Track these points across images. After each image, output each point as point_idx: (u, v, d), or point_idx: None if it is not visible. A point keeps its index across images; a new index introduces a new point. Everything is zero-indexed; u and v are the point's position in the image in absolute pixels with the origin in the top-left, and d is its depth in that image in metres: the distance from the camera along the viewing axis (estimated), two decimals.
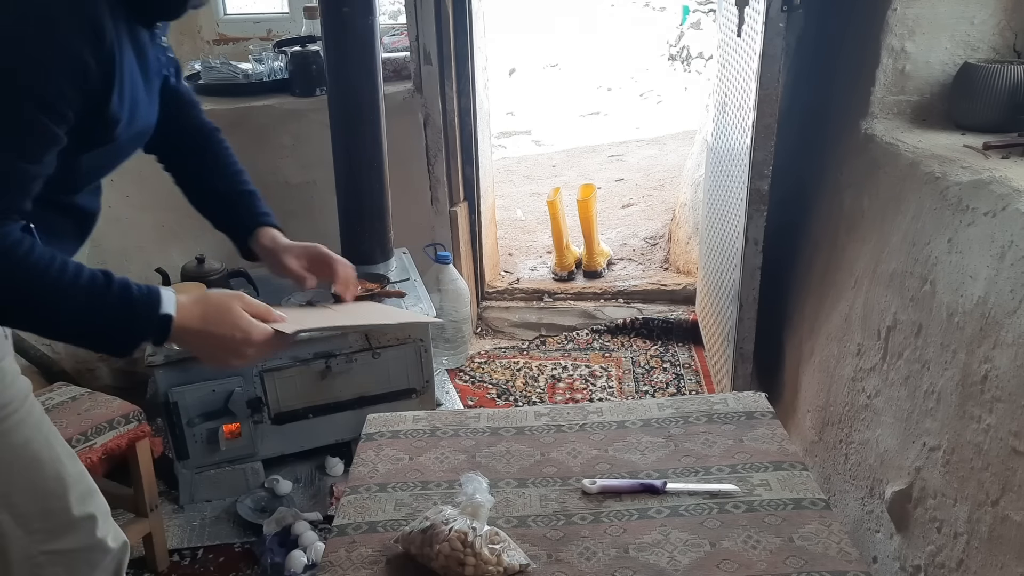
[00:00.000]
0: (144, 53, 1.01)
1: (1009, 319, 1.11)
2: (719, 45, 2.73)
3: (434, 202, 2.85)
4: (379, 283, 2.20)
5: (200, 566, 1.93)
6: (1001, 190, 1.20)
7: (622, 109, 7.61)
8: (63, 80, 0.87)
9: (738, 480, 1.19)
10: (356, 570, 1.05)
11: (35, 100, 0.86)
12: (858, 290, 1.72)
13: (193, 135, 1.31)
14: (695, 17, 8.50)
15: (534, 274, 3.75)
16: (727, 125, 2.46)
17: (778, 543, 1.05)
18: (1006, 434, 1.10)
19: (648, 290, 3.39)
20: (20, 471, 1.10)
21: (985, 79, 1.57)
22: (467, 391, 2.73)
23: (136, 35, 0.99)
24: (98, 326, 0.94)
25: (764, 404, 1.41)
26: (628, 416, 1.39)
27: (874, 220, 1.66)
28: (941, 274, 1.33)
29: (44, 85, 0.86)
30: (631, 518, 1.12)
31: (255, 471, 2.15)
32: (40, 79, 0.86)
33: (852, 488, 1.68)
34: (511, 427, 1.39)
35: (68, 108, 0.89)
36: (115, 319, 0.94)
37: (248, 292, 2.20)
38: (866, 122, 1.75)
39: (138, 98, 1.00)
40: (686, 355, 2.95)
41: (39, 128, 0.88)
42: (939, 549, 1.28)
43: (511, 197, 5.10)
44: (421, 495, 1.20)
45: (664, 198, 4.82)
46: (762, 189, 2.01)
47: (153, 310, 0.95)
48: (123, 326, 0.94)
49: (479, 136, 3.05)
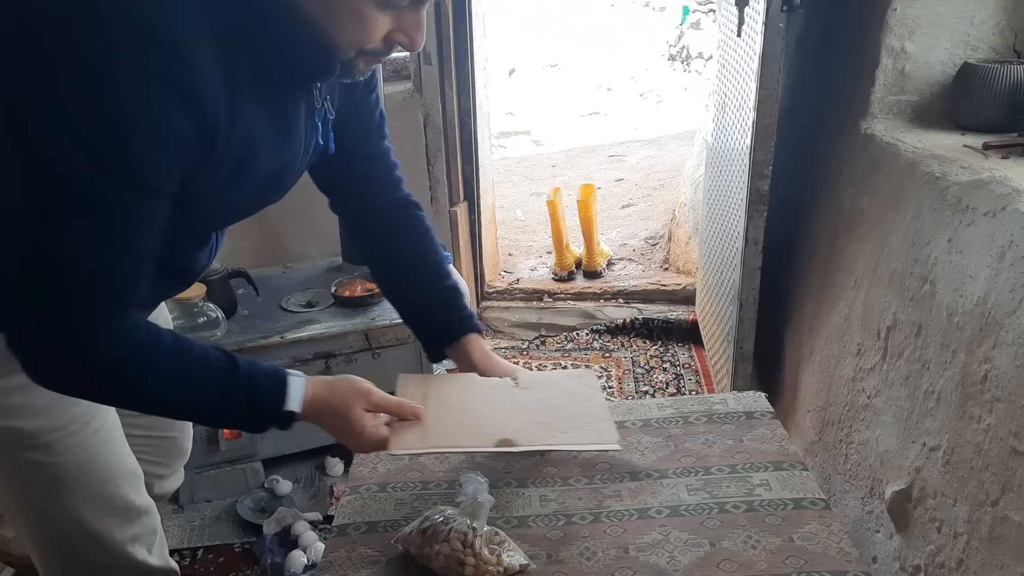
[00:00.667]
0: (288, 122, 0.94)
1: (1009, 319, 1.11)
2: (719, 45, 2.73)
3: (434, 202, 2.85)
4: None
5: (200, 566, 1.93)
6: (1001, 190, 1.20)
7: (622, 109, 7.61)
8: (161, 155, 0.79)
9: (738, 480, 1.19)
10: (356, 570, 1.05)
11: (130, 182, 0.79)
12: (858, 290, 1.71)
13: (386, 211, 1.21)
14: (695, 17, 8.51)
15: (534, 274, 3.75)
16: (727, 125, 2.46)
17: (778, 543, 1.05)
18: (1006, 434, 1.10)
19: (648, 290, 3.39)
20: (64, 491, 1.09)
21: (985, 79, 1.57)
22: None
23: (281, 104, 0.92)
24: (224, 417, 1.01)
25: (764, 404, 1.41)
26: (628, 416, 1.39)
27: (874, 220, 1.66)
28: (941, 274, 1.33)
29: (142, 165, 0.78)
30: (631, 518, 1.12)
31: (255, 471, 2.15)
32: (137, 161, 0.77)
33: (852, 488, 1.68)
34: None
35: (168, 182, 0.82)
36: (241, 413, 0.96)
37: (248, 293, 2.20)
38: (866, 122, 1.75)
39: (255, 171, 0.92)
40: (686, 355, 2.95)
41: (132, 210, 0.81)
42: (939, 549, 1.28)
43: (511, 197, 5.09)
44: (421, 495, 1.20)
45: (664, 198, 4.82)
46: (762, 189, 2.01)
47: (277, 407, 0.97)
48: (247, 419, 0.97)
49: (479, 136, 3.05)
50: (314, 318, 2.13)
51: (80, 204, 0.78)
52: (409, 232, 1.22)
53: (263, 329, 2.08)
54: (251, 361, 0.97)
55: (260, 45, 0.84)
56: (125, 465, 1.16)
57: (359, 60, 0.90)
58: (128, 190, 0.79)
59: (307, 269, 2.47)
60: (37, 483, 1.08)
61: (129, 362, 0.88)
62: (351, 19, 0.84)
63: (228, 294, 2.14)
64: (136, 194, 0.80)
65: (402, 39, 0.88)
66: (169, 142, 0.79)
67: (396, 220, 1.22)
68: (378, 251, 1.25)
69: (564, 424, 1.10)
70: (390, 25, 0.86)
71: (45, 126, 0.75)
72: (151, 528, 1.21)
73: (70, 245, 0.79)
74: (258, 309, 2.18)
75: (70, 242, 0.79)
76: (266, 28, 0.83)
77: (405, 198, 1.24)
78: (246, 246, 2.62)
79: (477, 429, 1.09)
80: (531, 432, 1.08)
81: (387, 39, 0.87)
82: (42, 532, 1.13)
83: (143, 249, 0.84)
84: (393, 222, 1.22)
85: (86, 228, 0.79)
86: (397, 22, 0.86)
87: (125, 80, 0.74)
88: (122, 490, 1.14)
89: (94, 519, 1.12)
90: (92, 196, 0.78)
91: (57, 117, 0.74)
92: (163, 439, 1.35)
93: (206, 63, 0.78)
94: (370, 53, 0.89)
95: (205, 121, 0.80)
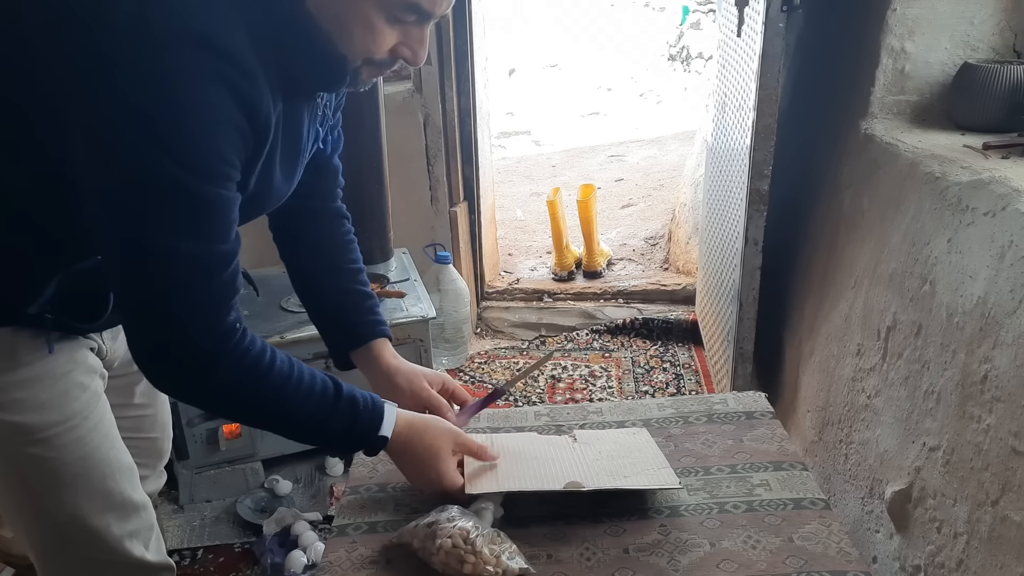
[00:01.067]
0: (297, 126, 0.99)
1: (1009, 319, 1.11)
2: (719, 45, 2.73)
3: (434, 202, 2.85)
4: (379, 283, 2.20)
5: (200, 566, 1.93)
6: (1001, 190, 1.20)
7: (622, 109, 7.62)
8: (227, 149, 0.85)
9: (738, 480, 1.19)
10: (356, 570, 1.05)
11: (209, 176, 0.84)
12: (858, 290, 1.71)
13: (317, 216, 1.25)
14: (695, 17, 8.51)
15: (534, 274, 3.75)
16: (727, 125, 2.46)
17: (778, 543, 1.05)
18: (1006, 434, 1.10)
19: (648, 290, 3.39)
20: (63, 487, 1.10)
21: (985, 79, 1.57)
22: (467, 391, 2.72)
23: (293, 108, 0.97)
24: (322, 436, 1.03)
25: (764, 404, 1.40)
26: (628, 416, 1.39)
27: (874, 220, 1.66)
28: (941, 274, 1.33)
29: (214, 161, 0.84)
30: (631, 518, 1.12)
31: (255, 471, 2.15)
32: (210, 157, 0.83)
33: (852, 488, 1.68)
34: (511, 427, 1.39)
35: (235, 171, 0.87)
36: (339, 432, 1.01)
37: (248, 293, 2.20)
38: (866, 122, 1.75)
39: (272, 173, 0.97)
40: (686, 355, 2.95)
41: (215, 198, 0.86)
42: (939, 549, 1.28)
43: (511, 197, 5.10)
44: (421, 495, 1.20)
45: (664, 198, 4.82)
46: (762, 189, 2.01)
47: (373, 430, 1.02)
48: (343, 439, 1.02)
49: (479, 136, 3.05)
50: None
51: (169, 200, 0.83)
52: (333, 237, 1.27)
53: (263, 329, 2.08)
54: (351, 386, 1.02)
55: (286, 53, 0.90)
56: (122, 460, 1.16)
57: (364, 70, 0.95)
58: (211, 184, 0.84)
59: None
60: (37, 478, 1.08)
61: (249, 368, 0.93)
62: (361, 30, 0.89)
63: None
64: (218, 186, 0.85)
65: (406, 53, 0.93)
66: (232, 137, 0.85)
67: (323, 225, 1.27)
68: (294, 252, 1.28)
69: (626, 471, 1.15)
70: (396, 39, 0.91)
71: (127, 137, 0.81)
72: (148, 524, 1.21)
73: (170, 239, 0.84)
74: (258, 309, 2.18)
75: (170, 236, 0.84)
76: (290, 37, 0.89)
77: (337, 208, 1.30)
78: (246, 246, 2.61)
79: (545, 473, 1.14)
80: (596, 476, 1.13)
81: (392, 51, 0.92)
82: (41, 528, 1.13)
83: (232, 233, 0.90)
84: (320, 227, 1.27)
85: (180, 220, 0.84)
86: (403, 36, 0.92)
87: (194, 89, 0.80)
88: (120, 485, 1.15)
89: (93, 514, 1.12)
90: (177, 191, 0.83)
91: (137, 127, 0.80)
92: (145, 440, 1.35)
93: (256, 70, 0.84)
94: (375, 64, 0.94)
95: (258, 122, 0.87)
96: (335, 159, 1.27)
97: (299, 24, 0.88)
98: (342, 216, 1.29)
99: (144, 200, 0.83)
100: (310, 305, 1.28)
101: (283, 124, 0.94)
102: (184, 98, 0.80)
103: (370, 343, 1.23)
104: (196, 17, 0.81)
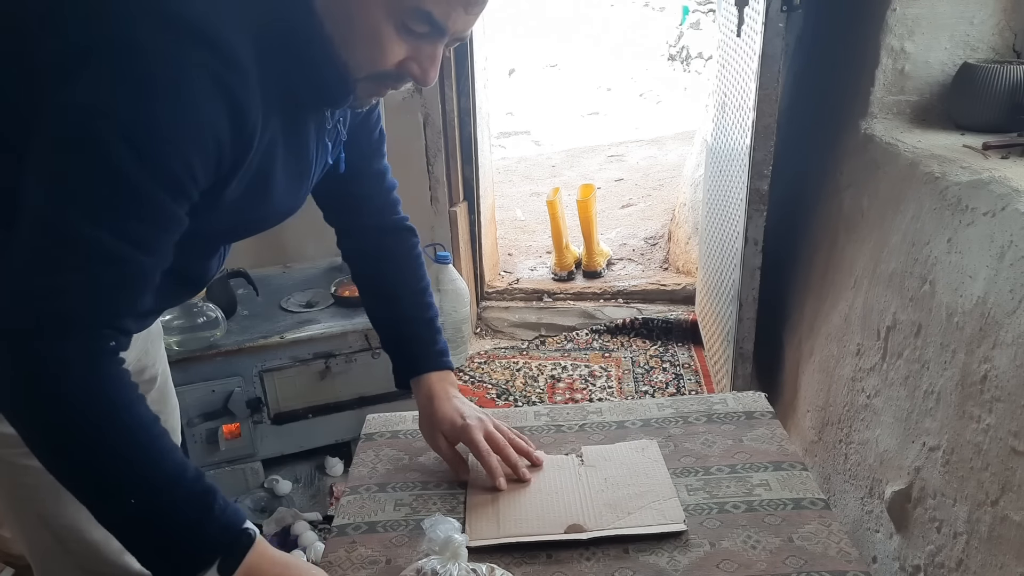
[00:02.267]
0: (302, 141, 0.93)
1: (1009, 319, 1.11)
2: (719, 45, 2.73)
3: (433, 202, 2.85)
4: None
5: None
6: (1000, 190, 1.20)
7: (622, 109, 7.62)
8: (195, 160, 0.77)
9: (738, 480, 1.19)
10: (356, 570, 1.05)
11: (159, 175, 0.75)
12: (858, 290, 1.72)
13: (381, 235, 1.21)
14: (695, 17, 8.51)
15: (534, 274, 3.75)
16: (727, 125, 2.46)
17: (778, 543, 1.05)
18: (1006, 434, 1.10)
19: (648, 290, 3.39)
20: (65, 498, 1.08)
21: (985, 79, 1.57)
22: (467, 391, 2.73)
23: (296, 121, 0.90)
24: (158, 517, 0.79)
25: (764, 404, 1.40)
26: (628, 416, 1.39)
27: (874, 220, 1.66)
28: (941, 274, 1.33)
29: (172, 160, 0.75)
30: None
31: (255, 471, 2.15)
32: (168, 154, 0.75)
33: (852, 488, 1.68)
34: (511, 427, 1.39)
35: (195, 187, 0.78)
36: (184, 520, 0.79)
37: (248, 293, 2.20)
38: (866, 122, 1.75)
39: (269, 188, 0.90)
40: (686, 355, 2.95)
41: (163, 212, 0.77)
42: (939, 549, 1.28)
43: (511, 197, 5.10)
44: (421, 495, 1.20)
45: (664, 198, 4.82)
46: (762, 189, 2.02)
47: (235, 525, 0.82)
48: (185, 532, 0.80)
49: (479, 136, 3.05)
50: (314, 318, 2.13)
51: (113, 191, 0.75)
52: (396, 261, 1.22)
53: (263, 329, 2.08)
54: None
55: (288, 61, 0.83)
56: None
57: (367, 85, 0.88)
58: (160, 187, 0.76)
59: (307, 269, 2.47)
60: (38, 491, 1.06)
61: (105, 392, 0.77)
62: (368, 37, 0.82)
63: (228, 294, 2.14)
64: (166, 192, 0.77)
65: (415, 70, 0.85)
66: (207, 146, 0.77)
67: (385, 247, 1.22)
68: (362, 274, 1.25)
69: (630, 504, 1.13)
70: (406, 53, 0.84)
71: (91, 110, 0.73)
72: None
73: (92, 229, 0.74)
74: (258, 309, 2.19)
75: (93, 225, 0.74)
76: (295, 44, 0.82)
77: (398, 223, 1.24)
78: (246, 246, 2.61)
79: (547, 514, 1.11)
80: (599, 515, 1.11)
81: (400, 66, 0.85)
82: (40, 540, 1.12)
83: (160, 251, 0.80)
84: (381, 248, 1.22)
85: (115, 215, 0.75)
86: (413, 51, 0.84)
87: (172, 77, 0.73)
88: None
89: (92, 527, 1.11)
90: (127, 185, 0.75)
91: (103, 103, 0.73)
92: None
93: (249, 69, 0.78)
94: (379, 78, 0.87)
95: (244, 127, 0.79)
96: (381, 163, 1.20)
97: (301, 26, 0.81)
98: (404, 230, 1.23)
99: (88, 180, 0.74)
100: (375, 325, 1.25)
101: (285, 138, 0.88)
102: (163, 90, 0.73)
103: (423, 375, 1.21)
104: (192, 5, 0.75)
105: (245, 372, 2.04)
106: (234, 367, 2.02)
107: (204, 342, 1.99)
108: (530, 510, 1.12)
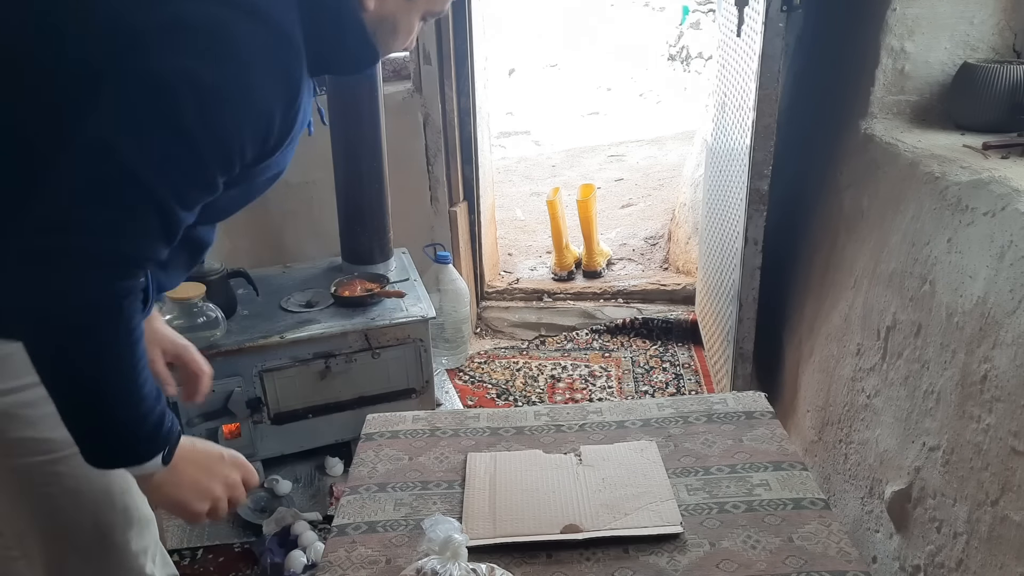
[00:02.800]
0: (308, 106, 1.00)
1: (1009, 319, 1.11)
2: (719, 45, 2.73)
3: (433, 202, 2.85)
4: (379, 283, 2.20)
5: (200, 566, 1.93)
6: (1000, 190, 1.20)
7: (622, 109, 7.61)
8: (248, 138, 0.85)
9: (738, 480, 1.19)
10: (356, 570, 1.05)
11: (217, 148, 0.83)
12: (858, 290, 1.72)
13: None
14: (695, 17, 8.51)
15: (534, 274, 3.75)
16: (727, 125, 2.46)
17: (778, 543, 1.05)
18: (1006, 434, 1.10)
19: (648, 290, 3.39)
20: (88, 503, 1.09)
21: (985, 79, 1.57)
22: (467, 391, 2.73)
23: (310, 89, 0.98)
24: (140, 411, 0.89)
25: (764, 404, 1.41)
26: (628, 416, 1.39)
27: (874, 220, 1.66)
28: (941, 274, 1.33)
29: (231, 137, 0.84)
30: None
31: (254, 471, 2.15)
32: (230, 131, 0.83)
33: (852, 488, 1.68)
34: (511, 427, 1.39)
35: (240, 165, 0.87)
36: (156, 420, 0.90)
37: (248, 293, 2.20)
38: (866, 122, 1.75)
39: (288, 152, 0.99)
40: (686, 355, 2.95)
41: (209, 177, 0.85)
42: (939, 549, 1.28)
43: (511, 197, 5.10)
44: (421, 495, 1.20)
45: (664, 198, 4.82)
46: (762, 189, 2.02)
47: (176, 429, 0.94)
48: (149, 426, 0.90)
49: (478, 136, 3.05)
50: (314, 318, 2.13)
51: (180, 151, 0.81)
52: None
53: (263, 329, 2.08)
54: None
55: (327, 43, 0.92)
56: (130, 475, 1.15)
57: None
58: (215, 158, 0.84)
59: (307, 269, 2.47)
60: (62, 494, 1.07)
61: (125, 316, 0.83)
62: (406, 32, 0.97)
63: (228, 294, 2.13)
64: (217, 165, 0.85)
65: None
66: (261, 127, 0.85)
67: None
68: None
69: (627, 505, 1.13)
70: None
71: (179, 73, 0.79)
72: (155, 539, 1.21)
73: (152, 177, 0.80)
74: (258, 309, 2.18)
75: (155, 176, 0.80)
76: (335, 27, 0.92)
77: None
78: (246, 246, 2.62)
79: (544, 514, 1.12)
80: (596, 516, 1.11)
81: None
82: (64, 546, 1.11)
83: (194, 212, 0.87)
84: None
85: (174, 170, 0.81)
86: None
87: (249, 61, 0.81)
88: (135, 500, 1.14)
89: (116, 530, 1.11)
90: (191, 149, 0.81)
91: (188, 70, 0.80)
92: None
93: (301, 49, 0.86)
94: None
95: (294, 106, 0.87)
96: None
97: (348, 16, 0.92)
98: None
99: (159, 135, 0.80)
100: None
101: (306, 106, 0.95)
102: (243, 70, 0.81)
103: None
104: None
105: (245, 372, 2.04)
106: (234, 367, 2.02)
107: (204, 342, 1.99)
108: (526, 509, 1.13)
